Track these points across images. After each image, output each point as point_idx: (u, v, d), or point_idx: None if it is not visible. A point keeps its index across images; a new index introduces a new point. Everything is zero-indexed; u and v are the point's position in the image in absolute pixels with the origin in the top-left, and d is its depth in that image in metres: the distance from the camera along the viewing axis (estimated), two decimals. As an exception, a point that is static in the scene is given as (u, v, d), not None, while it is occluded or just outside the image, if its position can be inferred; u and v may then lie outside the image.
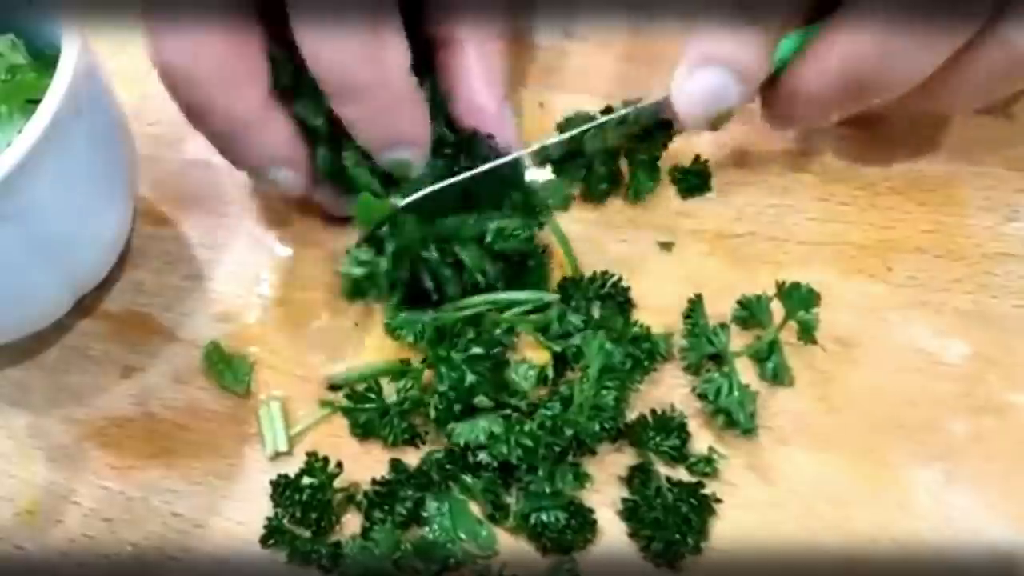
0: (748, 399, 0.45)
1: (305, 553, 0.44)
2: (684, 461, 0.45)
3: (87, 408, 0.51)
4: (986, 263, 0.49)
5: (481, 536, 0.44)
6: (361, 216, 0.48)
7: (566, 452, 0.44)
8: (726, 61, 0.43)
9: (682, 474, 0.45)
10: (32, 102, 0.47)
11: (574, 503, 0.43)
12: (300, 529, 0.45)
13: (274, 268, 0.54)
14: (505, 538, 0.44)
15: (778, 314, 0.47)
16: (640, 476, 0.44)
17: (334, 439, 0.48)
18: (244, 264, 0.55)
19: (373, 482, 0.45)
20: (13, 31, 0.50)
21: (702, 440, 0.46)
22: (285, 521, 0.45)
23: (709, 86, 0.44)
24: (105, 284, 0.54)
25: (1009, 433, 0.44)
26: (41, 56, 0.50)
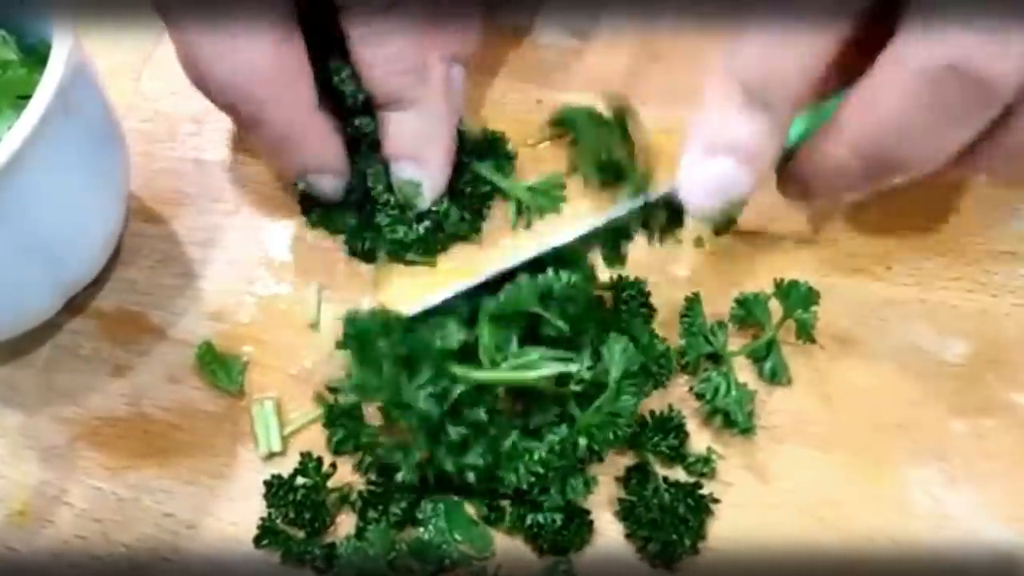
0: (746, 398, 0.45)
1: (299, 554, 0.44)
2: (682, 461, 0.44)
3: (79, 408, 0.51)
4: (986, 262, 0.49)
5: (476, 537, 0.43)
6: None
7: (576, 464, 0.43)
8: (735, 149, 0.40)
9: (679, 474, 0.45)
10: (23, 98, 0.46)
11: (570, 504, 0.43)
12: (294, 530, 0.45)
13: (267, 266, 0.54)
14: (501, 539, 0.44)
15: (776, 313, 0.46)
16: (637, 476, 0.44)
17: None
18: (237, 262, 0.55)
19: (368, 482, 0.45)
20: (4, 27, 0.50)
21: (699, 440, 0.45)
22: (279, 521, 0.45)
23: (718, 176, 0.41)
24: (96, 282, 0.54)
25: (1008, 433, 0.44)
26: (32, 52, 0.49)
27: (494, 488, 0.42)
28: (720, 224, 0.50)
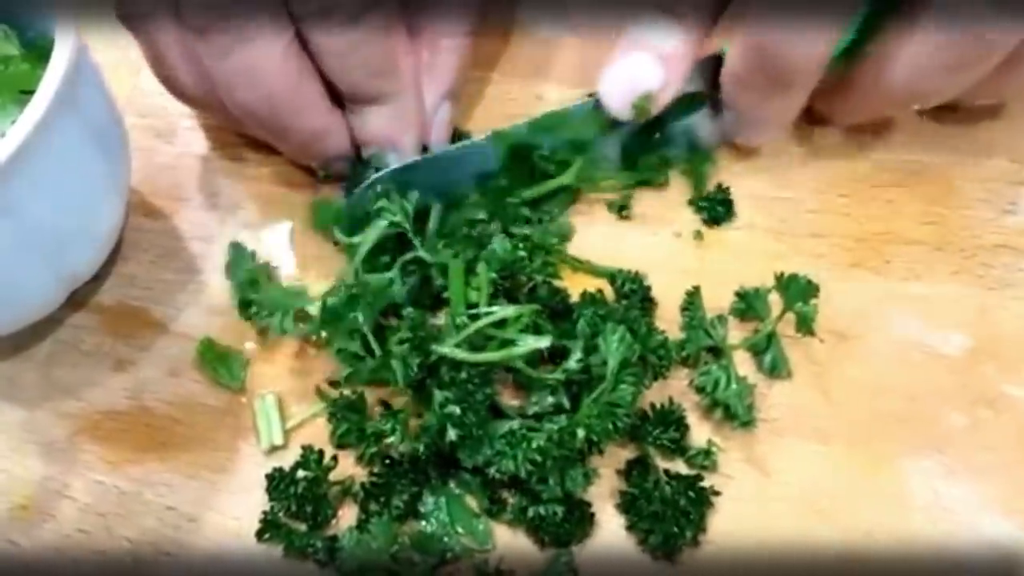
0: (746, 392, 0.45)
1: (301, 547, 0.44)
2: (683, 454, 0.45)
3: (80, 402, 0.51)
4: (984, 255, 0.49)
5: (478, 530, 0.44)
6: (319, 222, 0.53)
7: (575, 455, 0.43)
8: (647, 48, 0.47)
9: (680, 467, 0.45)
10: (25, 93, 0.46)
11: (571, 496, 0.43)
12: (295, 523, 0.45)
13: (268, 260, 0.54)
14: (502, 531, 0.44)
15: (776, 306, 0.47)
16: (638, 469, 0.44)
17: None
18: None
19: (369, 474, 0.45)
20: (6, 22, 0.50)
21: (700, 433, 0.46)
22: (280, 515, 0.45)
23: (630, 69, 0.48)
24: (98, 277, 0.54)
25: (1007, 425, 0.44)
26: (34, 47, 0.49)
27: (493, 477, 0.42)
28: (637, 121, 0.51)
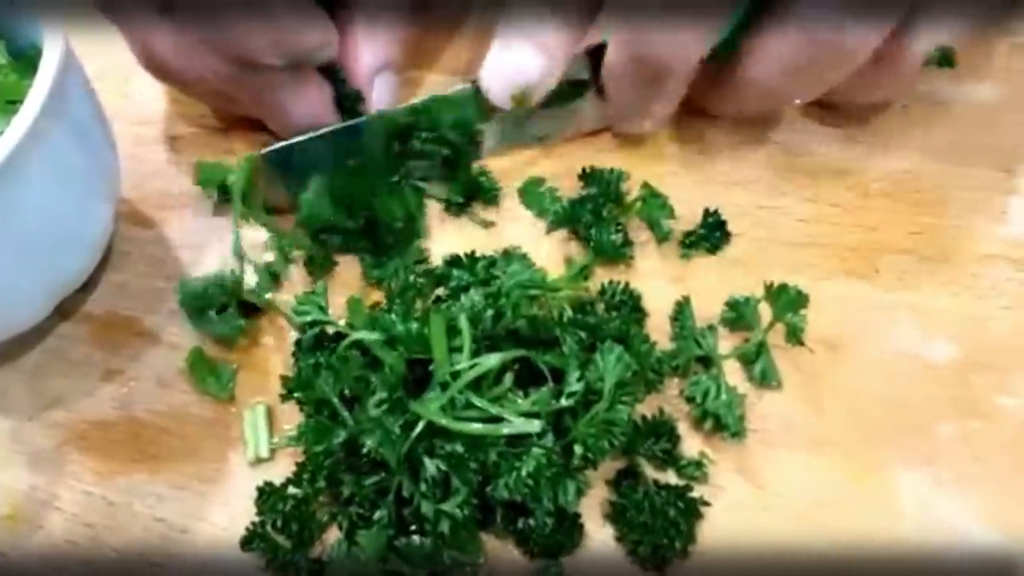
0: (736, 402, 0.45)
1: (284, 564, 0.44)
2: (675, 464, 0.45)
3: (69, 412, 0.51)
4: (974, 265, 0.49)
5: (467, 542, 0.43)
6: (202, 179, 0.55)
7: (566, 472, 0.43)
8: (527, 37, 0.48)
9: (669, 477, 0.45)
10: (12, 103, 0.46)
11: (561, 507, 0.43)
12: (282, 538, 0.44)
13: (258, 270, 0.54)
14: (491, 542, 0.44)
15: (766, 316, 0.47)
16: (628, 480, 0.44)
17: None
18: (228, 266, 0.54)
19: (358, 504, 0.44)
20: (-7, 32, 0.50)
21: (690, 443, 0.45)
22: (268, 528, 0.44)
23: (511, 59, 0.48)
24: (87, 287, 0.54)
25: (996, 436, 0.44)
26: (22, 57, 0.49)
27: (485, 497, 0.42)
28: (517, 112, 0.51)
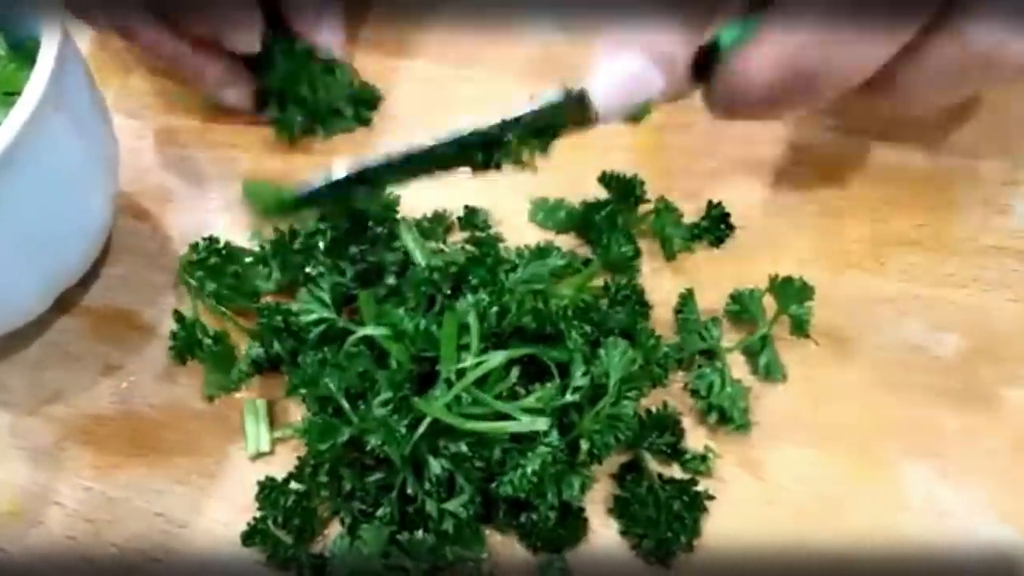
0: (740, 395, 0.45)
1: (285, 559, 0.43)
2: (679, 458, 0.44)
3: (68, 406, 0.50)
4: (979, 257, 0.49)
5: (470, 536, 0.43)
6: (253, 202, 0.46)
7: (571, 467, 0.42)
8: (647, 48, 0.41)
9: (674, 471, 0.44)
10: (11, 95, 0.46)
11: (565, 502, 0.43)
12: (283, 533, 0.44)
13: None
14: (494, 537, 0.44)
15: (770, 309, 0.46)
16: (632, 473, 0.44)
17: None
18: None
19: (361, 500, 0.44)
20: (-8, 23, 0.49)
21: (694, 436, 0.45)
22: (269, 523, 0.44)
23: (630, 72, 0.41)
24: (85, 280, 0.53)
25: (1002, 428, 0.44)
26: (20, 48, 0.49)
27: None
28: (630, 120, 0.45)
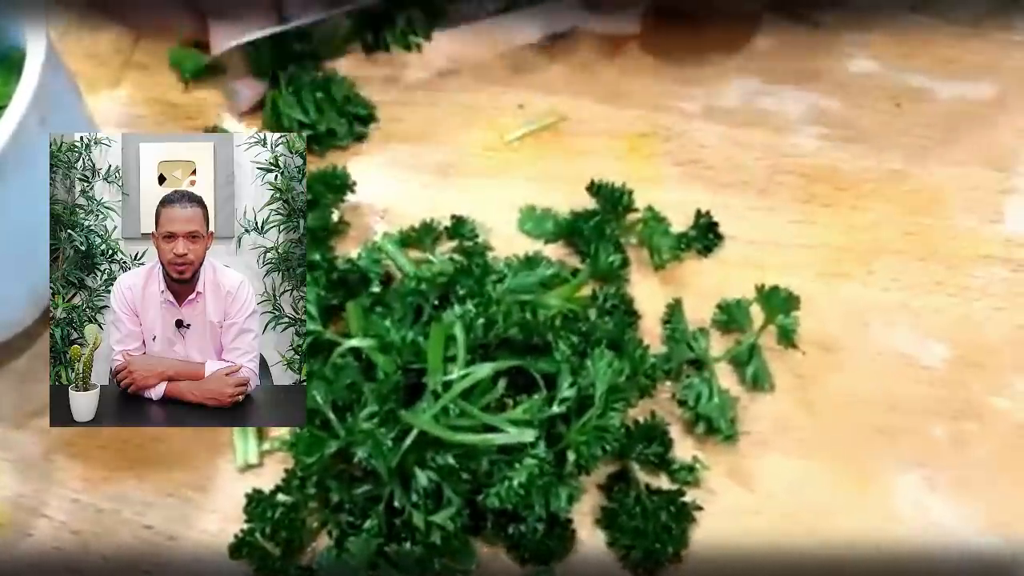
0: (728, 405, 0.45)
1: (273, 571, 0.43)
2: (667, 468, 0.44)
3: (57, 418, 0.50)
4: (968, 266, 0.49)
5: (458, 548, 0.43)
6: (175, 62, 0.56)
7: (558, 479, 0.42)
8: None
9: (661, 481, 0.44)
10: (-3, 107, 0.46)
11: (555, 515, 0.42)
12: (271, 545, 0.44)
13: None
14: (482, 548, 0.44)
15: (758, 318, 0.46)
16: (619, 484, 0.44)
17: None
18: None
19: (348, 512, 0.44)
20: (-24, 34, 0.49)
21: (682, 447, 0.45)
22: (257, 535, 0.44)
23: None
24: (75, 291, 0.53)
25: (990, 437, 0.44)
26: (5, 60, 0.48)
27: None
28: None
